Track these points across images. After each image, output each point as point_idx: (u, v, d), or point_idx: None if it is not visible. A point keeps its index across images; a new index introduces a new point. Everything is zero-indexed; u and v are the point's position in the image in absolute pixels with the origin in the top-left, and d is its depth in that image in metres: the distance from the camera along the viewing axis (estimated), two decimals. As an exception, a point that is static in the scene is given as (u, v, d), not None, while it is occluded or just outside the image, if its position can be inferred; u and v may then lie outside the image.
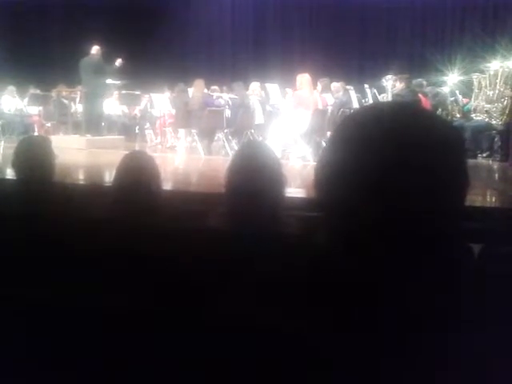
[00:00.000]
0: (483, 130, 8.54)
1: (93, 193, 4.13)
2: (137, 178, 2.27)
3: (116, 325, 1.12)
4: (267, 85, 9.48)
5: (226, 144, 8.54)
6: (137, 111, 11.79)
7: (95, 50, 9.59)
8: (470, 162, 7.62)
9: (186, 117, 8.96)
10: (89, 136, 9.38)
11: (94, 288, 1.38)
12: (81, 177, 6.03)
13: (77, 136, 9.57)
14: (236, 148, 7.87)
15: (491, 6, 13.40)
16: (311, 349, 0.77)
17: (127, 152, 2.53)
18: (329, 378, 0.76)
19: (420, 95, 8.08)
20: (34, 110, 11.23)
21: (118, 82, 11.07)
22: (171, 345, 0.99)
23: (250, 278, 0.91)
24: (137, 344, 1.09)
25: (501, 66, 8.67)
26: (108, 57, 9.94)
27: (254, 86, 9.49)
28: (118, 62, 9.83)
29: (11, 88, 11.58)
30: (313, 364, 0.77)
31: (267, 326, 0.82)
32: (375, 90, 9.22)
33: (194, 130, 8.90)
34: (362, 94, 9.38)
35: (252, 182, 2.04)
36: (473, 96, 9.05)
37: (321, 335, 0.77)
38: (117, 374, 1.11)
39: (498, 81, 8.62)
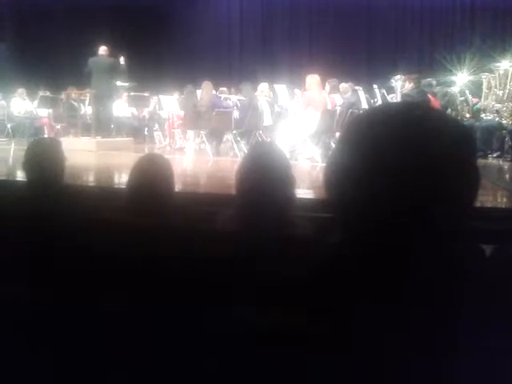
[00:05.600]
0: (493, 129, 8.48)
1: (103, 195, 4.14)
2: (153, 181, 2.28)
3: (121, 324, 1.13)
4: (275, 86, 9.47)
5: (235, 145, 8.54)
6: (145, 113, 11.83)
7: (103, 50, 9.56)
8: (481, 162, 7.58)
9: (194, 118, 8.97)
10: (99, 138, 9.42)
11: (106, 288, 1.38)
12: (91, 179, 6.05)
13: (86, 138, 9.61)
14: (244, 149, 7.89)
15: (501, 6, 13.32)
16: (321, 349, 0.77)
17: (139, 154, 2.54)
18: (332, 380, 0.76)
19: (429, 95, 8.04)
20: (44, 113, 11.29)
21: (127, 84, 11.12)
22: (178, 344, 0.99)
23: (260, 279, 0.91)
24: (140, 343, 1.09)
25: (510, 66, 8.62)
26: (117, 59, 9.99)
27: (263, 86, 9.48)
28: (121, 59, 9.84)
29: (21, 90, 11.67)
30: (321, 365, 0.77)
31: (276, 328, 0.82)
32: (384, 91, 9.18)
33: (202, 132, 8.92)
34: (370, 94, 9.33)
35: (262, 184, 2.04)
36: (482, 96, 9.00)
37: (331, 336, 0.77)
38: (120, 373, 1.11)
39: (507, 80, 8.57)
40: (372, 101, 9.05)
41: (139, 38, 13.78)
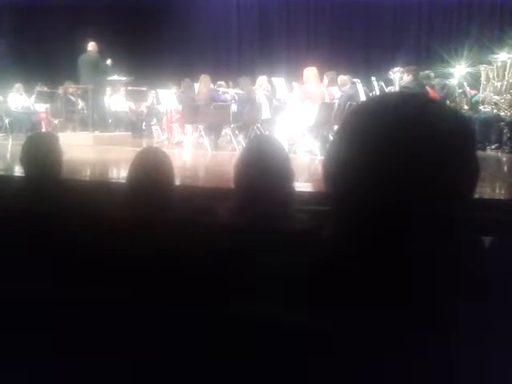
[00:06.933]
0: (492, 121, 8.47)
1: (101, 189, 4.13)
2: (152, 175, 2.28)
3: (120, 321, 1.12)
4: (273, 79, 9.46)
5: (233, 139, 8.54)
6: (143, 107, 11.80)
7: (91, 46, 9.63)
8: (479, 154, 7.52)
9: (192, 112, 8.96)
10: (96, 132, 9.42)
11: (104, 285, 1.38)
12: (89, 173, 6.04)
13: (84, 133, 9.60)
14: (243, 143, 7.88)
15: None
16: (320, 345, 0.77)
17: (137, 148, 2.54)
18: (331, 377, 0.76)
19: (428, 87, 8.03)
20: (42, 108, 11.28)
21: (124, 79, 11.09)
22: (177, 341, 0.99)
23: (258, 273, 0.91)
24: (140, 341, 1.08)
25: (509, 57, 8.61)
26: (114, 54, 9.98)
27: (261, 80, 9.47)
28: (108, 61, 9.91)
29: (18, 85, 11.65)
30: (316, 362, 0.76)
31: (274, 323, 0.81)
32: (382, 83, 9.17)
33: (200, 126, 8.91)
34: (369, 86, 9.33)
35: (260, 177, 2.03)
36: (481, 88, 8.99)
37: (330, 332, 0.77)
38: (121, 372, 1.11)
39: (506, 72, 8.57)
40: (370, 93, 9.04)
41: (136, 32, 13.73)
